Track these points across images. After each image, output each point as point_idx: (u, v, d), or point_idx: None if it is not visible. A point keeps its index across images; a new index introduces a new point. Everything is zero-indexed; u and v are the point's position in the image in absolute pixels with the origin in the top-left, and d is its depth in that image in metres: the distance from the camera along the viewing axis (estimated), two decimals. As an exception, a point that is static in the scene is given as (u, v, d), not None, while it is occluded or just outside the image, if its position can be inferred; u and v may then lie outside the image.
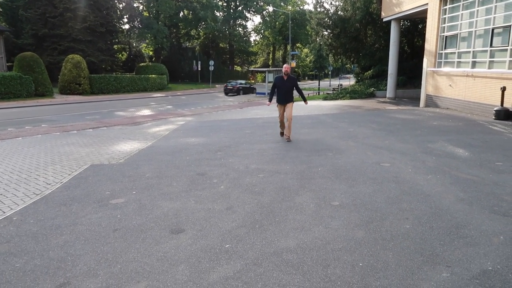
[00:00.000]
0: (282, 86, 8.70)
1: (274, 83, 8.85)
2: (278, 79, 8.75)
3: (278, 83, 8.73)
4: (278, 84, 8.74)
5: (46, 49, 36.44)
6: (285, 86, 8.69)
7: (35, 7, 36.46)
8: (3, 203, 4.76)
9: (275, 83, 8.80)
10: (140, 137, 9.81)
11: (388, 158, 6.71)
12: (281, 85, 8.70)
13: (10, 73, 25.11)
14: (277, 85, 8.78)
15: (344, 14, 26.11)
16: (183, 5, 52.37)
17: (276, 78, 8.82)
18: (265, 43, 71.88)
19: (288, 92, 8.74)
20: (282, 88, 8.72)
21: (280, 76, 8.74)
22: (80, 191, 5.17)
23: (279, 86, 8.73)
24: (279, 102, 8.82)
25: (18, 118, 15.54)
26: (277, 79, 8.78)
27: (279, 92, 8.77)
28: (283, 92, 8.72)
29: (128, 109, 19.75)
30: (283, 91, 8.71)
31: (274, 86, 8.90)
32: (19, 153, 7.98)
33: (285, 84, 8.68)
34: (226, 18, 60.14)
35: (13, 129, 12.16)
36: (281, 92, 8.74)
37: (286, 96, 8.72)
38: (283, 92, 8.71)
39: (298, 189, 4.99)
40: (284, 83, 8.68)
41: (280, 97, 8.76)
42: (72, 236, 3.72)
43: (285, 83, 8.68)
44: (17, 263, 3.21)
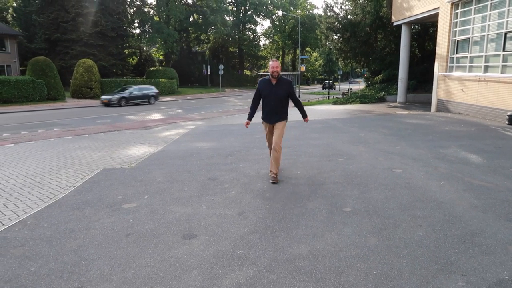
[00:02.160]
0: (269, 95, 5.72)
1: (258, 90, 5.83)
2: (263, 83, 5.79)
3: (264, 89, 5.75)
4: (263, 91, 5.76)
5: (58, 54, 36.98)
6: (274, 94, 5.69)
7: (48, 12, 37.06)
8: (18, 206, 4.82)
9: (259, 90, 5.81)
10: (151, 141, 9.87)
11: (399, 163, 6.66)
12: (268, 92, 5.72)
13: (23, 77, 25.51)
14: (262, 93, 5.78)
15: (354, 18, 26.06)
16: (193, 9, 52.75)
17: (261, 83, 5.84)
18: (274, 47, 71.99)
19: (278, 104, 5.71)
20: (269, 98, 5.74)
21: (266, 80, 5.76)
22: (92, 195, 5.22)
23: (265, 94, 5.75)
24: (265, 119, 5.88)
25: (31, 121, 15.76)
26: (261, 84, 5.81)
27: (266, 103, 5.80)
28: (270, 105, 5.74)
29: (138, 113, 19.91)
30: (271, 102, 5.72)
31: (257, 94, 5.84)
32: (33, 157, 8.09)
33: (273, 92, 5.69)
34: (236, 23, 60.40)
35: (26, 133, 12.33)
36: (268, 104, 5.75)
37: (275, 111, 5.74)
38: (271, 104, 5.73)
39: (309, 195, 4.97)
40: (272, 90, 5.69)
41: (267, 112, 5.81)
42: (85, 240, 3.75)
43: (273, 89, 5.68)
44: (32, 266, 3.25)
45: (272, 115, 5.77)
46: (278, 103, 5.71)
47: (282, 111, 5.77)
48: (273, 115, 5.76)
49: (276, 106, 5.72)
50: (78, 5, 36.66)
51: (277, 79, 5.65)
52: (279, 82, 5.67)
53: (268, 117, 5.81)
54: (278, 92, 5.68)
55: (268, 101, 5.74)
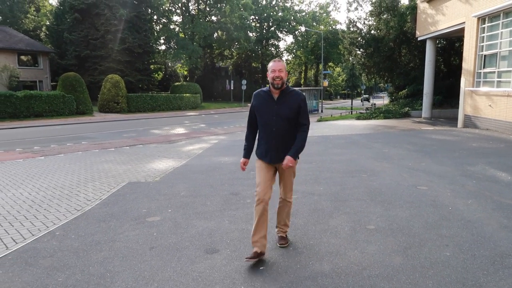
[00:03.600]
0: (269, 116, 3.60)
1: (252, 108, 3.73)
2: (259, 98, 3.68)
3: (261, 108, 3.65)
4: (260, 110, 3.66)
5: (87, 69, 38.29)
6: (277, 115, 3.57)
7: (79, 30, 38.58)
8: (47, 218, 4.98)
9: (254, 108, 3.71)
10: (174, 155, 10.03)
11: (425, 180, 6.53)
12: (268, 112, 3.60)
13: (54, 92, 26.52)
14: (258, 113, 3.68)
15: (377, 34, 25.99)
16: (217, 26, 53.78)
17: (256, 97, 3.72)
18: (297, 62, 72.35)
19: (283, 132, 3.59)
20: (269, 122, 3.60)
21: (264, 92, 3.68)
22: (118, 208, 5.34)
23: (262, 115, 3.63)
24: (262, 156, 3.69)
25: (60, 135, 16.29)
26: (257, 99, 3.70)
27: (263, 131, 3.66)
28: (271, 133, 3.60)
29: (163, 127, 20.29)
30: (272, 128, 3.59)
31: (251, 115, 3.75)
32: (61, 170, 8.34)
33: (276, 111, 3.58)
34: (259, 38, 61.21)
35: (56, 146, 12.75)
36: (267, 132, 3.63)
37: (278, 142, 3.60)
38: (272, 131, 3.60)
39: (332, 212, 4.93)
40: (273, 108, 3.58)
41: (265, 146, 3.66)
42: (111, 252, 3.83)
43: (275, 107, 3.58)
44: (59, 277, 3.34)
45: (273, 150, 3.56)
46: (283, 130, 3.53)
47: (290, 142, 3.55)
48: (276, 149, 3.55)
49: (280, 134, 3.53)
50: (107, 23, 38.05)
51: (281, 91, 3.52)
52: (286, 95, 3.53)
53: (267, 153, 3.59)
54: (283, 112, 3.50)
55: (268, 126, 3.54)
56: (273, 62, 3.55)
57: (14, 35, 38.17)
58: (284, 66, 3.53)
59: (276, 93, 3.59)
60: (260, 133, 3.71)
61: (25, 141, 14.37)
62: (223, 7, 51.59)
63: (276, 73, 3.48)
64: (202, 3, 53.91)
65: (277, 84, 3.50)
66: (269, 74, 3.54)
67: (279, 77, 3.48)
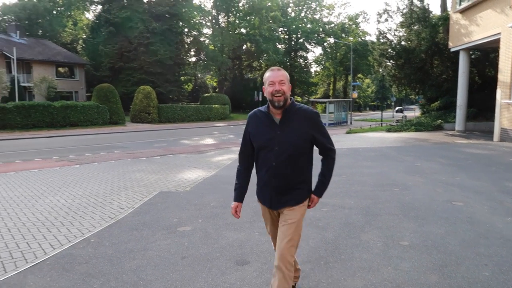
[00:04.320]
0: (268, 145, 2.60)
1: (246, 134, 2.77)
2: (256, 120, 2.70)
3: (258, 133, 2.66)
4: (256, 136, 2.67)
5: (121, 81, 39.55)
6: (279, 143, 2.57)
7: (113, 43, 40.01)
8: (83, 225, 5.14)
9: (249, 134, 2.74)
10: (204, 166, 10.15)
11: (460, 196, 6.32)
12: (267, 140, 2.61)
13: (89, 103, 27.54)
14: (254, 141, 2.69)
15: (408, 45, 25.56)
16: (247, 38, 54.45)
17: (252, 120, 2.73)
18: (325, 73, 72.07)
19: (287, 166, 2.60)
20: (268, 152, 2.61)
21: (261, 113, 2.69)
22: (150, 217, 5.44)
23: (260, 143, 2.64)
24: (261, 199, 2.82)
25: (94, 144, 16.83)
26: (253, 121, 2.72)
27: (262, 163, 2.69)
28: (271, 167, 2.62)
29: (192, 137, 20.60)
30: (272, 162, 2.60)
31: (246, 141, 2.79)
32: (95, 178, 8.60)
33: (278, 137, 2.58)
34: (288, 50, 61.50)
35: (90, 155, 13.17)
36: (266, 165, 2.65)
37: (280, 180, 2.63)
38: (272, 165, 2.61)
39: (363, 226, 4.85)
40: (275, 134, 2.59)
41: (264, 184, 2.72)
42: (143, 261, 3.90)
43: (278, 132, 2.58)
44: (95, 283, 3.43)
45: (273, 190, 2.66)
46: (288, 165, 2.59)
47: (297, 180, 2.64)
48: (277, 189, 2.65)
49: (282, 172, 2.60)
50: (140, 36, 39.30)
51: (285, 110, 2.58)
52: (291, 115, 2.59)
53: (267, 193, 2.71)
54: (288, 139, 2.56)
55: (266, 159, 2.63)
56: (271, 72, 2.57)
57: (53, 48, 40.01)
58: (286, 77, 2.56)
59: (277, 114, 2.58)
60: (257, 167, 2.73)
61: (61, 149, 14.93)
62: (252, 19, 52.26)
63: (276, 86, 2.50)
64: (231, 16, 54.81)
65: (278, 101, 2.50)
66: (266, 88, 2.57)
67: (280, 91, 2.49)
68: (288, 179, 2.63)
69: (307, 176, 2.71)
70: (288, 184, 2.64)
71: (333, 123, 32.00)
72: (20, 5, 47.24)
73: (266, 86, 2.61)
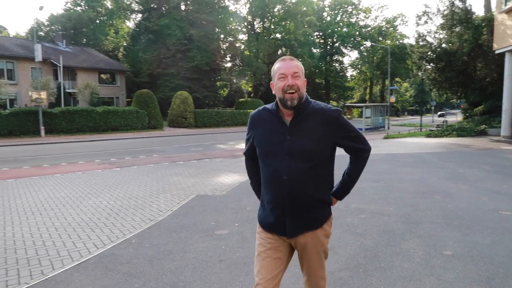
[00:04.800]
0: (274, 153, 2.02)
1: (249, 140, 2.25)
2: (260, 122, 2.15)
3: (263, 138, 2.10)
4: (262, 141, 2.10)
5: (159, 86, 40.68)
6: (289, 152, 1.99)
7: (152, 50, 41.27)
8: (124, 226, 5.31)
9: (253, 139, 2.19)
10: (239, 170, 10.23)
11: (508, 205, 6.01)
12: (273, 147, 2.03)
13: (129, 108, 28.52)
14: (259, 147, 2.12)
15: (449, 47, 24.70)
16: (282, 43, 54.56)
17: (254, 121, 2.20)
18: (362, 78, 70.89)
19: (298, 181, 1.98)
20: (276, 162, 2.01)
21: (269, 112, 2.13)
22: (188, 219, 5.55)
23: (264, 150, 2.08)
24: (268, 225, 2.12)
25: (134, 148, 17.37)
26: (255, 124, 2.18)
27: (269, 178, 2.06)
28: (280, 183, 2.00)
29: (228, 142, 20.83)
30: (282, 174, 1.98)
31: (250, 149, 2.26)
32: (135, 181, 8.87)
33: (286, 144, 2.00)
34: (323, 54, 61.08)
35: (130, 158, 13.61)
36: (275, 181, 2.02)
37: (296, 200, 2.01)
38: (283, 179, 1.99)
39: (404, 234, 4.71)
40: (283, 140, 2.01)
41: (272, 204, 2.07)
42: (182, 262, 3.98)
43: (287, 138, 2.01)
44: (136, 283, 3.53)
45: (286, 215, 2.06)
46: (304, 179, 2.01)
47: (316, 197, 2.07)
48: (292, 213, 2.05)
49: (296, 187, 2.01)
50: (178, 42, 40.32)
51: (297, 109, 2.04)
52: (306, 116, 2.05)
53: (278, 217, 2.08)
54: (301, 146, 2.00)
55: (274, 173, 2.04)
56: (282, 62, 2.04)
57: (96, 55, 41.81)
58: (301, 68, 2.03)
59: (288, 115, 2.04)
60: (264, 183, 2.12)
61: (103, 153, 15.53)
62: (287, 24, 52.33)
63: (288, 81, 1.97)
64: (267, 21, 55.10)
65: (292, 100, 1.96)
66: (275, 84, 2.05)
67: (293, 87, 1.95)
68: (305, 197, 2.01)
69: (327, 189, 2.14)
70: (306, 203, 2.03)
71: (370, 128, 31.39)
72: (66, 16, 49.81)
73: (275, 81, 2.06)
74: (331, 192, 2.20)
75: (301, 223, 2.06)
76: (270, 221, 2.12)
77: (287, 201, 2.02)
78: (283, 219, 2.07)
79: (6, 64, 32.47)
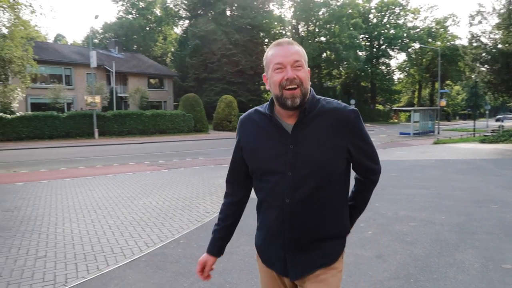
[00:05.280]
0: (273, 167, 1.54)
1: (238, 151, 1.69)
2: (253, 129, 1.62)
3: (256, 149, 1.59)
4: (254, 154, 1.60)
5: (204, 90, 41.64)
6: (292, 165, 1.50)
7: (198, 55, 42.36)
8: (172, 226, 5.48)
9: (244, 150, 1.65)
10: (284, 174, 10.21)
11: None
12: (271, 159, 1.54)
13: (176, 112, 29.43)
14: (252, 161, 1.62)
15: (506, 48, 23.29)
16: (326, 46, 54.00)
17: (244, 127, 1.66)
18: (410, 81, 68.52)
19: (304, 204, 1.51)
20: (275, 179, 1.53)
21: (262, 115, 1.61)
22: (233, 222, 5.61)
23: (260, 164, 1.58)
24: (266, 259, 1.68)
25: (181, 150, 17.88)
26: (247, 130, 1.64)
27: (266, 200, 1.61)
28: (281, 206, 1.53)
29: (271, 145, 20.86)
30: (282, 195, 1.52)
31: (235, 164, 1.74)
32: (183, 182, 9.12)
33: (288, 155, 1.51)
34: (369, 57, 59.69)
35: (177, 160, 14.01)
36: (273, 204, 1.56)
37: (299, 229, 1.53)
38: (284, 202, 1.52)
39: (457, 244, 4.49)
40: (284, 149, 1.51)
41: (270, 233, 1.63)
42: (229, 264, 4.04)
43: (289, 148, 1.51)
44: (185, 282, 3.63)
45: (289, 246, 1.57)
46: (311, 199, 1.52)
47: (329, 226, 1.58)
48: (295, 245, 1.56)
49: (301, 210, 1.53)
50: (223, 47, 41.09)
51: (302, 109, 1.52)
52: (312, 117, 1.54)
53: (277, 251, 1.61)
54: (308, 157, 1.50)
55: (275, 191, 1.56)
56: (278, 48, 1.53)
57: (145, 61, 43.52)
58: (303, 55, 1.54)
59: (288, 117, 1.55)
60: (259, 204, 1.69)
61: (152, 154, 16.11)
62: (332, 27, 51.73)
63: (288, 72, 1.47)
64: (311, 25, 54.80)
65: (293, 98, 1.48)
66: (270, 77, 1.54)
67: (294, 81, 1.47)
68: (314, 226, 1.54)
69: (344, 215, 1.64)
70: (314, 234, 1.55)
71: (419, 133, 30.25)
72: (118, 24, 52.39)
73: (269, 73, 1.54)
74: None
75: (307, 261, 1.56)
76: (265, 254, 1.68)
77: (289, 232, 1.54)
78: (283, 256, 1.57)
79: (64, 70, 34.63)
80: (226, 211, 1.83)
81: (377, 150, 1.70)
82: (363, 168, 1.66)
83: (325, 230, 1.56)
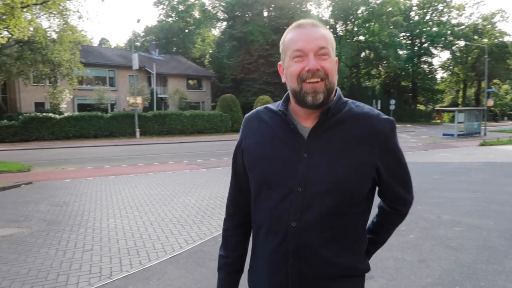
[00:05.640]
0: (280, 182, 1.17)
1: (238, 160, 1.34)
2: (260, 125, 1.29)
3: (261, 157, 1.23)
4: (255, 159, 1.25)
5: (241, 91, 41.95)
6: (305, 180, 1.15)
7: (236, 56, 42.76)
8: (211, 224, 5.57)
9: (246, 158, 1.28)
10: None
11: None
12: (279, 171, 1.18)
13: (213, 112, 29.90)
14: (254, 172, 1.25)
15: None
16: (365, 45, 52.93)
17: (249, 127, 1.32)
18: (454, 80, 65.73)
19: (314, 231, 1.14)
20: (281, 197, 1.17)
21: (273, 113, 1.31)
22: (271, 222, 5.63)
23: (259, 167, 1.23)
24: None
25: (218, 150, 18.12)
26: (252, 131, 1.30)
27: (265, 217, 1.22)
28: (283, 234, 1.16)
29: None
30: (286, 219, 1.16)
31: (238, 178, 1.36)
32: (220, 181, 9.24)
33: (300, 167, 1.16)
34: (410, 56, 57.80)
35: (215, 160, 14.22)
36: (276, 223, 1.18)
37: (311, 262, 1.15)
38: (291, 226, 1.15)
39: (507, 251, 4.27)
40: (297, 159, 1.17)
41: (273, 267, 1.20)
42: (267, 264, 4.05)
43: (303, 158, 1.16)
44: (224, 280, 3.67)
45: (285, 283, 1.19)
46: (322, 225, 1.16)
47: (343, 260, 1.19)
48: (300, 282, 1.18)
49: (310, 237, 1.15)
50: (260, 48, 41.23)
51: (325, 110, 1.18)
52: (336, 123, 1.20)
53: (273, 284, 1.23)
54: (325, 170, 1.16)
55: (277, 211, 1.19)
56: (299, 30, 1.18)
57: (184, 62, 44.49)
58: (330, 41, 1.19)
59: (306, 118, 1.24)
60: (256, 232, 1.31)
61: (190, 154, 16.44)
62: (371, 26, 50.60)
63: (310, 62, 1.14)
64: (350, 24, 53.91)
65: (315, 94, 1.16)
66: (288, 66, 1.22)
67: (318, 72, 1.14)
68: (326, 260, 1.18)
69: (364, 249, 1.29)
70: (326, 270, 1.19)
71: (463, 134, 28.97)
72: (159, 27, 53.85)
73: (286, 61, 1.22)
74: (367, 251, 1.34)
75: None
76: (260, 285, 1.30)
77: (293, 266, 1.18)
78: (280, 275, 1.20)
79: (108, 72, 36.07)
80: (233, 238, 1.40)
81: (418, 151, 1.63)
82: (392, 195, 1.31)
83: (340, 266, 1.18)
